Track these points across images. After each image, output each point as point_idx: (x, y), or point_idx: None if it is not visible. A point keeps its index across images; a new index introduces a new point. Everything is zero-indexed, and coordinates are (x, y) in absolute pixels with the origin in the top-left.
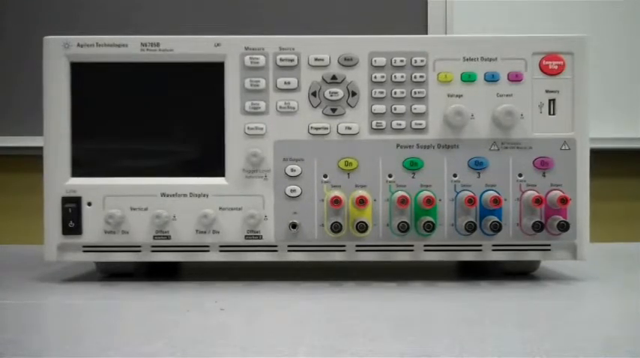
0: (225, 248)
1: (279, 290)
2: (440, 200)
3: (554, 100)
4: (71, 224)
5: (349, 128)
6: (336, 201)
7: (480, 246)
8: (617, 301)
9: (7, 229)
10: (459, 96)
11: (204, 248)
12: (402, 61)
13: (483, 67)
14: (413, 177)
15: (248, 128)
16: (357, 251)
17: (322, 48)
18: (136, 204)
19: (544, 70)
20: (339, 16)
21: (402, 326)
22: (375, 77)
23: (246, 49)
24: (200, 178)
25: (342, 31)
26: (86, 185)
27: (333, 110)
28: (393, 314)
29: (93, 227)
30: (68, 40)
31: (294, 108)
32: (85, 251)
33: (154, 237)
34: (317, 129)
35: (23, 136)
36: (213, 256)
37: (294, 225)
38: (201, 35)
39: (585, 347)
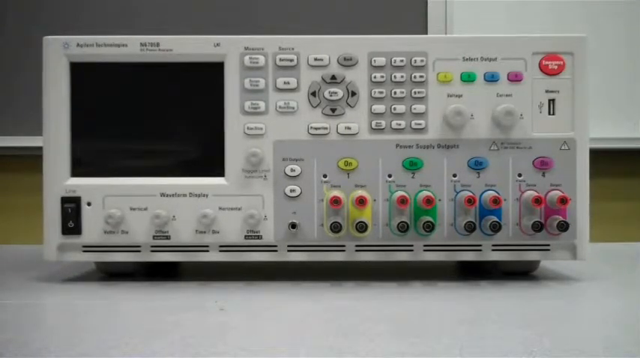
0: (224, 248)
1: (279, 290)
2: (439, 200)
3: (553, 100)
4: (71, 224)
5: (349, 128)
6: (336, 201)
7: (480, 246)
8: (617, 301)
9: (7, 229)
10: (459, 96)
11: (203, 248)
12: (401, 61)
13: (483, 66)
14: (412, 177)
15: (248, 128)
16: (356, 251)
17: (322, 48)
18: (135, 204)
19: (544, 69)
20: (338, 16)
21: (402, 326)
22: (375, 77)
23: (246, 49)
24: (200, 178)
25: (341, 31)
26: (86, 185)
27: (333, 110)
28: (393, 314)
29: (92, 227)
30: (68, 40)
31: (293, 108)
32: (84, 251)
33: (154, 237)
34: (317, 129)
35: (23, 136)
36: (213, 256)
37: (293, 225)
38: (201, 35)
39: (585, 346)
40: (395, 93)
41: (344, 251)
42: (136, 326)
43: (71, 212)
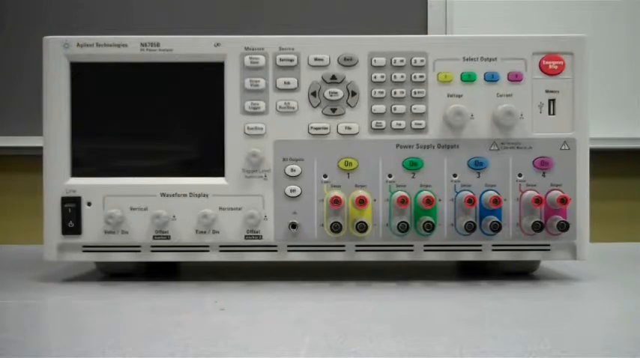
0: (225, 248)
1: (279, 290)
2: (440, 200)
3: (554, 100)
4: (71, 224)
5: (349, 128)
6: (336, 201)
7: (480, 246)
8: (617, 301)
9: (7, 229)
10: (459, 96)
11: (204, 248)
12: (401, 61)
13: (483, 67)
14: (413, 177)
15: (248, 128)
16: (356, 251)
17: (322, 48)
18: (135, 204)
19: (544, 70)
20: (338, 16)
21: (402, 326)
22: (375, 77)
23: (246, 49)
24: (200, 178)
25: (341, 31)
26: (86, 185)
27: (333, 110)
28: (393, 314)
29: (93, 227)
30: (68, 40)
31: (293, 108)
32: (84, 251)
33: (154, 237)
34: (317, 129)
35: (23, 136)
36: (213, 256)
37: (293, 225)
38: (201, 35)
39: (585, 347)
40: (395, 93)
41: (344, 251)
42: (135, 326)
43: (71, 212)
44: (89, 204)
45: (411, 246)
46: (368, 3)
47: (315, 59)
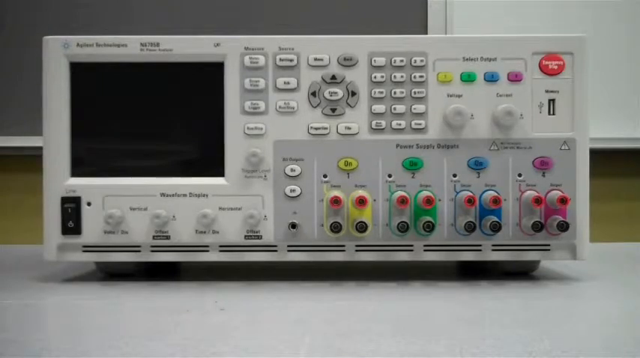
0: (224, 248)
1: (279, 290)
2: (439, 200)
3: (553, 100)
4: (71, 224)
5: (349, 128)
6: (336, 201)
7: (480, 246)
8: (617, 301)
9: (7, 229)
10: (459, 96)
11: (203, 248)
12: (401, 61)
13: (483, 67)
14: (412, 177)
15: (248, 128)
16: (356, 251)
17: (322, 48)
18: (135, 204)
19: (544, 69)
20: (338, 16)
21: (402, 326)
22: (375, 77)
23: (246, 49)
24: (200, 178)
25: (341, 31)
26: (86, 185)
27: (333, 110)
28: (393, 314)
29: (92, 227)
30: (68, 40)
31: (293, 108)
32: (84, 251)
33: (154, 236)
34: (317, 129)
35: (23, 136)
36: (213, 256)
37: (293, 225)
38: (201, 35)
39: (585, 347)
40: (395, 93)
41: (344, 251)
42: (136, 326)
43: (71, 212)
44: (89, 204)
45: (411, 246)
46: (368, 3)
47: (315, 59)
